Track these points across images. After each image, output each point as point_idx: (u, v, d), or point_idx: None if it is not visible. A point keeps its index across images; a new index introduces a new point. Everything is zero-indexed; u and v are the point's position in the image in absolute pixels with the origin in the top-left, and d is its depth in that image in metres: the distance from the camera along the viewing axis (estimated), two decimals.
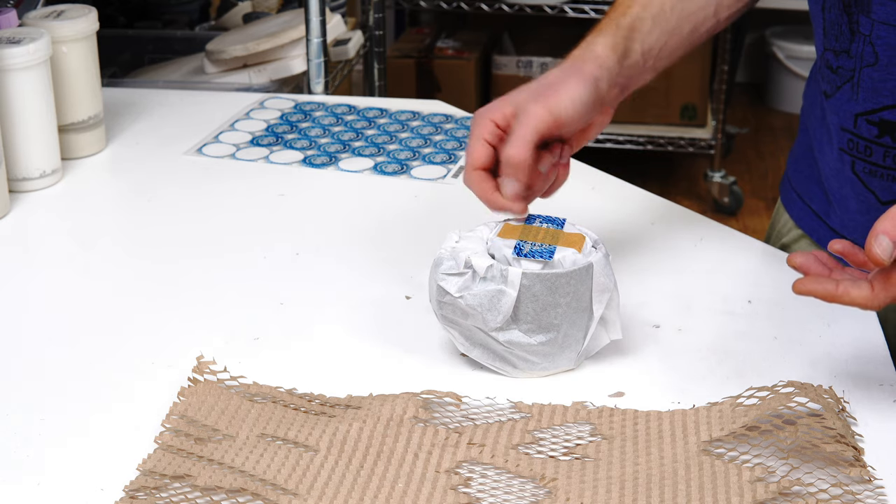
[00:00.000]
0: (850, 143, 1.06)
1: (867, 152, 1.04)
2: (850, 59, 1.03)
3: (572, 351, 0.97)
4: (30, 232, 1.26)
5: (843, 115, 1.06)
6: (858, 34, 1.02)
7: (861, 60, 1.02)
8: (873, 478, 0.84)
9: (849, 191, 1.08)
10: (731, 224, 2.60)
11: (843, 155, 1.07)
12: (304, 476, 0.84)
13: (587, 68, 1.02)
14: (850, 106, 1.05)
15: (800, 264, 0.90)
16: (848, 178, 1.08)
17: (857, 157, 1.05)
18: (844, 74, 1.04)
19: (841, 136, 1.07)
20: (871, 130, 1.03)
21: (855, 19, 1.02)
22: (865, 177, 1.06)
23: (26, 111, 1.30)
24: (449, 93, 3.20)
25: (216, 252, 1.20)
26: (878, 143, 1.03)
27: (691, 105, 3.27)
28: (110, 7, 2.18)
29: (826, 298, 0.87)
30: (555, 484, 0.84)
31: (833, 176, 1.11)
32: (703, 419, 0.90)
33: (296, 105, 1.58)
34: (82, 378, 0.98)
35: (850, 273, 0.89)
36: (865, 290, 0.86)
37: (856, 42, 1.02)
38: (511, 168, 0.99)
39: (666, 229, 1.23)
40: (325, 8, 1.73)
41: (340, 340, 1.03)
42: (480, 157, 1.00)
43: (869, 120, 1.03)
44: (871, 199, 1.06)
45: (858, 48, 1.02)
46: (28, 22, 1.36)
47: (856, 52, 1.03)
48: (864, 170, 1.05)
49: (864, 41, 1.02)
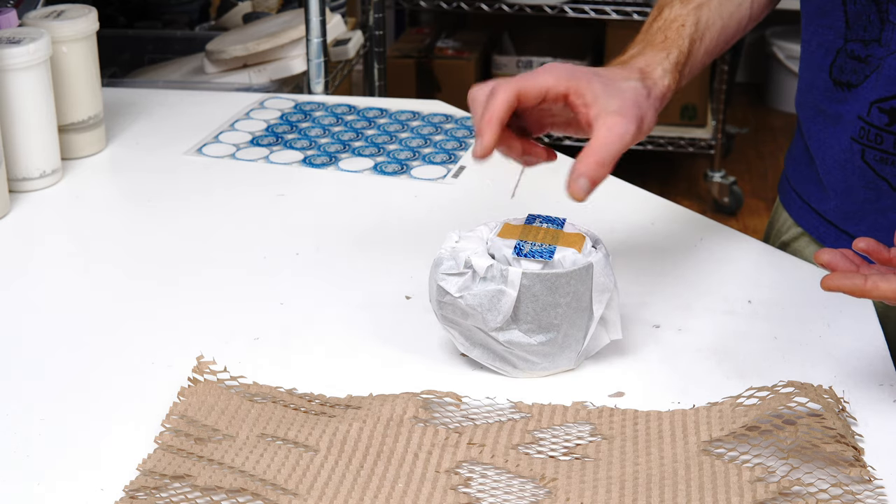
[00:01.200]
0: (861, 130, 1.06)
1: (878, 140, 1.05)
2: (882, 48, 1.04)
3: (572, 351, 0.97)
4: (30, 232, 1.26)
5: (863, 103, 1.06)
6: (888, 23, 1.03)
7: (889, 49, 1.03)
8: (873, 478, 0.84)
9: (857, 181, 1.09)
10: (731, 224, 2.60)
11: (854, 144, 1.08)
12: (304, 476, 0.84)
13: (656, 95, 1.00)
14: (870, 93, 1.05)
15: (827, 261, 0.89)
16: (858, 167, 1.08)
17: (868, 145, 1.06)
18: (874, 63, 1.05)
19: (856, 125, 1.07)
20: (881, 118, 1.04)
21: (884, 8, 1.02)
22: (877, 164, 1.06)
23: (26, 111, 1.30)
24: (449, 93, 3.19)
25: (216, 252, 1.20)
26: (888, 132, 1.04)
27: (691, 105, 3.27)
28: (110, 7, 2.18)
29: (855, 293, 0.87)
30: (555, 484, 0.84)
31: (838, 168, 1.11)
32: (703, 419, 0.90)
33: (296, 105, 1.58)
34: (82, 378, 0.98)
35: (877, 269, 0.89)
36: (895, 282, 0.86)
37: (886, 30, 1.03)
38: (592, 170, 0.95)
39: (666, 229, 1.23)
40: (325, 8, 1.73)
41: (340, 340, 1.03)
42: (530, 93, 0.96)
43: (881, 108, 1.04)
44: (884, 187, 1.07)
45: (889, 36, 1.03)
46: (28, 22, 1.36)
47: (886, 41, 1.03)
48: (876, 157, 1.06)
49: (893, 29, 1.03)
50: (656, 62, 1.02)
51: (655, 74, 1.01)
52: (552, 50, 3.34)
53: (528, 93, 0.96)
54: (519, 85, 0.96)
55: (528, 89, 0.96)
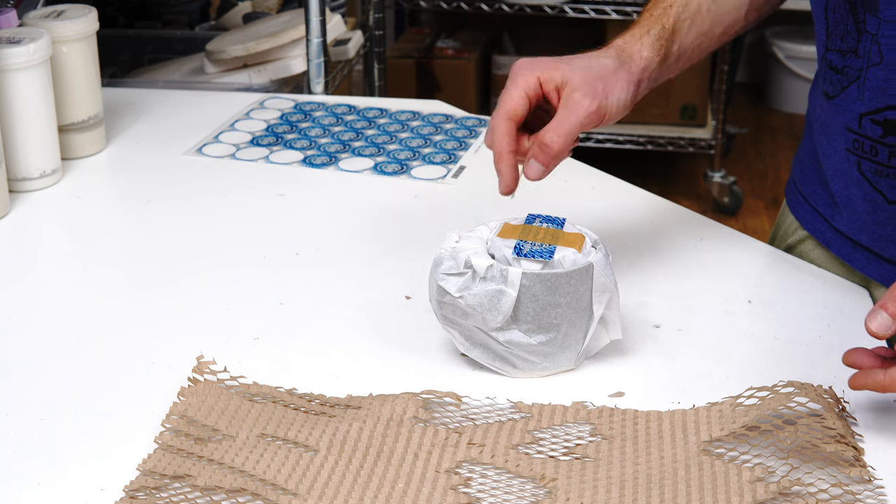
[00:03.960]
0: (855, 143, 1.06)
1: (873, 152, 1.04)
2: (858, 59, 1.03)
3: (572, 351, 0.97)
4: (30, 232, 1.26)
5: (849, 115, 1.06)
6: (865, 33, 1.02)
7: (868, 60, 1.02)
8: (873, 478, 0.84)
9: (856, 191, 1.08)
10: (731, 224, 2.60)
11: (850, 155, 1.07)
12: (304, 476, 0.84)
13: (634, 69, 1.02)
14: (856, 106, 1.05)
15: (852, 362, 0.90)
16: (855, 178, 1.08)
17: (864, 157, 1.05)
18: (851, 74, 1.04)
19: (847, 137, 1.07)
20: (875, 130, 1.03)
21: (861, 18, 1.02)
22: (872, 177, 1.06)
23: (26, 111, 1.30)
24: (449, 93, 3.20)
25: (216, 252, 1.20)
26: (883, 143, 1.03)
27: (691, 105, 3.27)
28: (110, 7, 2.18)
29: (879, 390, 0.88)
30: (555, 484, 0.84)
31: (839, 177, 1.11)
32: (703, 419, 0.90)
33: (296, 105, 1.58)
34: (82, 378, 0.98)
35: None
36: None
37: (863, 42, 1.02)
38: (544, 154, 0.98)
39: (666, 229, 1.23)
40: (325, 8, 1.73)
41: (340, 340, 1.03)
42: (518, 108, 0.99)
43: (874, 120, 1.03)
44: (879, 199, 1.06)
45: (865, 47, 1.02)
46: (28, 22, 1.36)
47: (863, 52, 1.03)
48: (871, 170, 1.05)
49: (870, 40, 1.02)
50: (635, 38, 1.04)
51: (633, 49, 1.03)
52: (552, 50, 3.33)
53: (517, 111, 0.99)
54: (506, 107, 0.99)
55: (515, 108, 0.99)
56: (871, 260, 1.10)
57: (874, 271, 1.10)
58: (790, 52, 3.78)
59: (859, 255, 1.11)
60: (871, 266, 1.10)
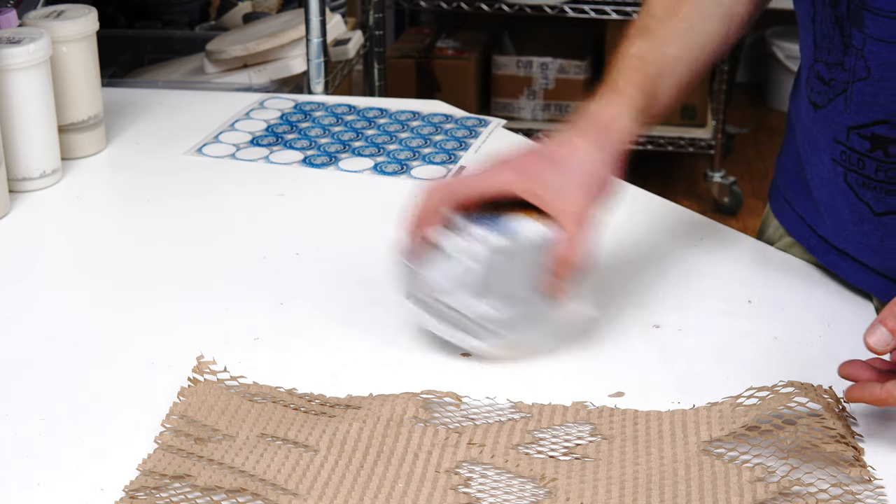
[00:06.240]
0: (842, 154, 1.05)
1: (860, 165, 1.04)
2: (844, 72, 1.03)
3: (544, 327, 0.97)
4: (30, 232, 1.26)
5: (836, 127, 1.05)
6: (851, 48, 1.01)
7: (854, 74, 1.02)
8: (873, 478, 0.84)
9: (842, 201, 1.08)
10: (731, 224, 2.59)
11: (836, 166, 1.06)
12: (304, 476, 0.84)
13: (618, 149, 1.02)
14: (843, 118, 1.04)
15: (847, 374, 0.90)
16: (841, 188, 1.07)
17: (850, 169, 1.05)
18: (838, 87, 1.04)
19: (834, 148, 1.06)
20: (863, 144, 1.03)
21: (847, 33, 1.01)
22: (859, 188, 1.05)
23: (26, 111, 1.30)
24: (449, 93, 3.19)
25: (216, 252, 1.20)
26: (870, 157, 1.03)
27: (691, 105, 3.27)
28: (110, 7, 2.18)
29: (876, 403, 0.88)
30: (555, 484, 0.84)
31: (824, 186, 1.10)
32: (703, 419, 0.90)
33: (296, 105, 1.58)
34: (82, 378, 0.98)
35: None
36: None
37: (849, 56, 1.02)
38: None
39: (666, 229, 1.23)
40: (325, 8, 1.73)
41: (340, 340, 1.03)
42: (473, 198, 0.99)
43: (861, 134, 1.03)
44: (865, 211, 1.06)
45: (851, 62, 1.02)
46: (28, 22, 1.36)
47: (849, 66, 1.02)
48: (858, 181, 1.05)
49: (856, 55, 1.01)
50: (619, 114, 1.03)
51: (616, 126, 1.02)
52: (552, 50, 3.34)
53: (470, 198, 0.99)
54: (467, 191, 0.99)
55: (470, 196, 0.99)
56: (858, 269, 1.10)
57: (861, 280, 1.10)
58: (790, 52, 3.77)
59: (844, 263, 1.10)
60: (858, 275, 1.10)
